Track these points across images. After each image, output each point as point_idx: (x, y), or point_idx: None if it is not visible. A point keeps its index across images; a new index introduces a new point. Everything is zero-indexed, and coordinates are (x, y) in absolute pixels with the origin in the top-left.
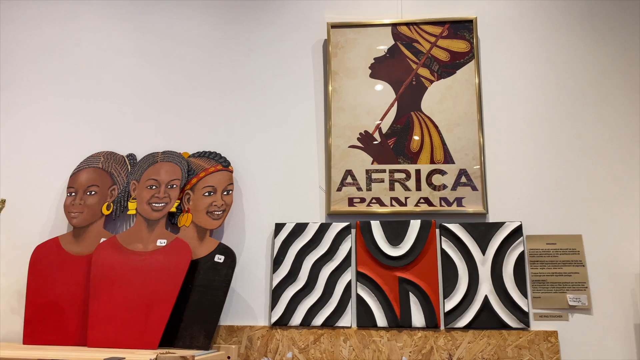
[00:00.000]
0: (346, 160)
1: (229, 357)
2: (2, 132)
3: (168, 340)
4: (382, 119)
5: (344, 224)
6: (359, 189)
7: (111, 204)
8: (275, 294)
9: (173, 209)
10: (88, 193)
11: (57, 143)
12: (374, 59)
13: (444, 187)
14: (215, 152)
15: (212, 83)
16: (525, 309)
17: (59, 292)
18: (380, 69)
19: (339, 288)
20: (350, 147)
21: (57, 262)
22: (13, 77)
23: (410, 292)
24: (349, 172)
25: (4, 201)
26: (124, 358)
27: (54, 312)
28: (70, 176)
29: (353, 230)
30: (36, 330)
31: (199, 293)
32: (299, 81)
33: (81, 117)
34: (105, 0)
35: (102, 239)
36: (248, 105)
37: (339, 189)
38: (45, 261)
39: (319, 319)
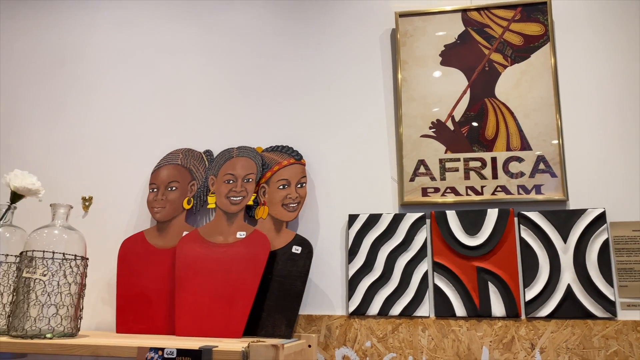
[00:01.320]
0: (418, 150)
1: (309, 346)
2: (88, 134)
3: (251, 329)
4: (454, 107)
5: (418, 215)
6: (433, 178)
7: (191, 199)
8: (352, 284)
9: (250, 202)
10: (169, 189)
11: (138, 142)
12: (444, 46)
13: (522, 174)
14: (288, 146)
15: (281, 78)
16: (612, 298)
17: (146, 284)
18: (451, 56)
19: (416, 278)
20: (422, 136)
21: (144, 255)
22: (97, 81)
23: (489, 282)
24: (421, 162)
25: (91, 198)
26: (217, 346)
27: (143, 302)
28: (152, 173)
29: (428, 221)
30: (127, 320)
31: (279, 283)
32: (368, 72)
33: (159, 116)
34: (173, 2)
35: (185, 233)
36: (317, 98)
37: (412, 179)
38: (133, 254)
39: (396, 309)
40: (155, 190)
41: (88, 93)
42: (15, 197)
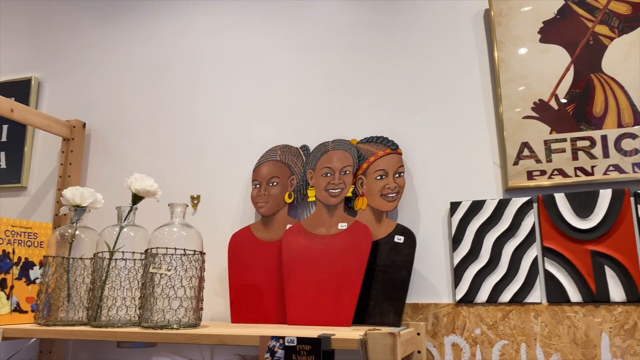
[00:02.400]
0: (521, 132)
1: (418, 334)
2: (193, 136)
3: (359, 317)
4: (557, 85)
5: (524, 199)
6: (538, 161)
7: (292, 193)
8: (458, 272)
9: (349, 194)
10: (271, 184)
11: (238, 141)
12: (543, 22)
13: (637, 151)
14: (383, 137)
15: (373, 69)
16: None
17: (256, 275)
18: (550, 32)
19: (525, 264)
20: (524, 118)
21: (251, 248)
22: (197, 85)
23: (605, 266)
24: (525, 145)
25: (199, 197)
26: (334, 334)
27: (254, 293)
28: (253, 170)
29: (535, 205)
30: (240, 310)
31: (383, 273)
32: (461, 56)
33: (257, 115)
34: (264, 4)
35: (288, 225)
36: (410, 86)
37: (516, 163)
38: (241, 248)
39: (505, 296)
40: (258, 186)
41: (189, 97)
42: (136, 198)
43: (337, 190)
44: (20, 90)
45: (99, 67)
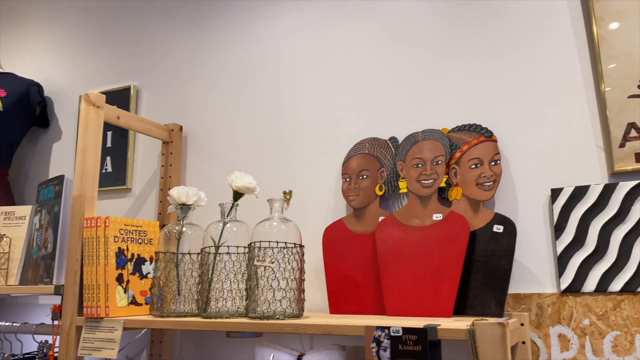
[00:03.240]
0: (627, 113)
1: (522, 324)
2: (282, 134)
3: (458, 309)
4: None
5: (633, 183)
6: None
7: (382, 185)
8: (561, 260)
9: (442, 184)
10: (360, 177)
11: (326, 136)
12: None
13: None
14: (475, 124)
15: (461, 55)
16: None
17: (351, 267)
18: None
19: (637, 251)
20: (630, 97)
21: (345, 240)
22: (284, 84)
23: None
24: (631, 125)
25: (291, 192)
26: (440, 324)
27: (351, 285)
28: (343, 164)
29: None
30: (338, 301)
31: (482, 263)
32: (556, 36)
33: (344, 110)
34: (344, 1)
35: (380, 218)
36: (502, 71)
37: (622, 145)
38: (335, 240)
39: (616, 285)
40: (348, 179)
41: (278, 96)
42: (237, 195)
43: (429, 181)
44: (121, 98)
45: (191, 72)
